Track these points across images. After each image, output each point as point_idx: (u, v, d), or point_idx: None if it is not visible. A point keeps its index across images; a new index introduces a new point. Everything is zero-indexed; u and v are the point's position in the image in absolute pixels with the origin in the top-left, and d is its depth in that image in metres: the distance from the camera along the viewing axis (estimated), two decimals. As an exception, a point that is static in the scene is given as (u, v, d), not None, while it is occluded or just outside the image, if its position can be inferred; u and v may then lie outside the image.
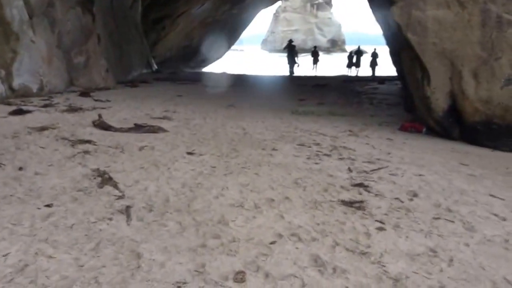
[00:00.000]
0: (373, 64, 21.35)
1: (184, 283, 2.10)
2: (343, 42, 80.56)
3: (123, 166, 4.25)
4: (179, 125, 6.92)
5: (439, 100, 7.31)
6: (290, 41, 22.42)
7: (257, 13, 33.03)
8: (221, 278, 2.18)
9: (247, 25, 33.59)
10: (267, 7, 36.56)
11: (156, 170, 4.25)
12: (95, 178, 3.76)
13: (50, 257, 2.28)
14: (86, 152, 4.70)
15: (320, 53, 23.93)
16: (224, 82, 14.96)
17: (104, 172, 3.93)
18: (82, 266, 2.20)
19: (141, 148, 5.12)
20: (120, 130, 6.12)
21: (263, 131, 6.89)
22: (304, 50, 72.59)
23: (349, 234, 2.98)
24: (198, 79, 15.74)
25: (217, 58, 32.08)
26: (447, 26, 6.93)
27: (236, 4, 28.23)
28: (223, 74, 19.87)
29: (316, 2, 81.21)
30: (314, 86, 13.47)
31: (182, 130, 6.52)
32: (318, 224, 3.11)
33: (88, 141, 5.23)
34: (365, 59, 21.88)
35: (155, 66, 21.34)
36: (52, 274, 2.10)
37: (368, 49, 22.10)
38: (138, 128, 6.21)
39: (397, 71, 11.50)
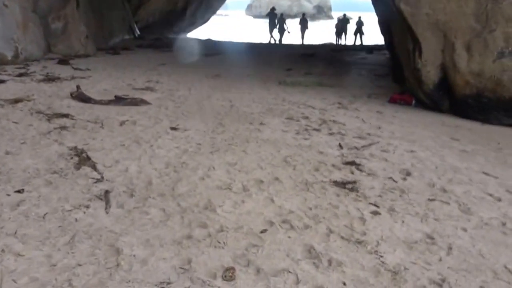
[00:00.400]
0: (358, 32, 20.99)
1: (169, 283, 1.91)
2: (330, 9, 79.15)
3: (102, 144, 3.99)
4: (163, 97, 6.61)
5: (430, 73, 7.12)
6: (273, 8, 21.91)
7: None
8: (209, 276, 2.00)
9: (233, -11, 32.45)
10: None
11: (138, 147, 4.00)
12: (72, 158, 3.50)
13: (19, 255, 2.05)
14: (63, 127, 4.40)
15: (308, 21, 23.28)
16: (209, 49, 14.46)
17: (82, 151, 3.67)
18: (54, 265, 1.99)
19: (122, 123, 4.84)
20: (100, 102, 5.79)
21: (250, 103, 6.64)
22: (290, 17, 71.37)
23: (343, 219, 2.84)
24: (183, 46, 15.17)
25: (202, 23, 31.11)
26: (442, -4, 6.65)
27: (222, -34, 27.12)
28: (208, 41, 19.24)
29: (303, -34, 78.99)
30: (301, 55, 13.11)
31: (165, 103, 6.22)
32: (310, 209, 2.95)
33: (66, 115, 4.91)
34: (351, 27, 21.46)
35: (137, 32, 20.51)
36: (20, 276, 1.88)
37: (354, 17, 21.47)
38: (119, 100, 5.89)
39: (386, 41, 11.24)
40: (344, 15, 21.25)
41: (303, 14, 23.74)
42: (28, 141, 3.89)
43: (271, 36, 20.71)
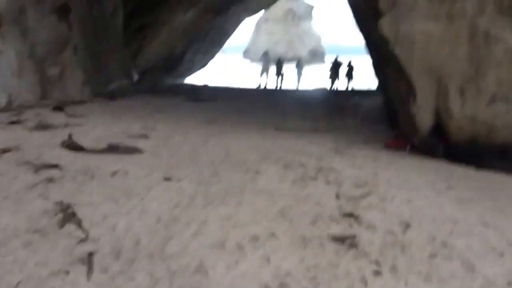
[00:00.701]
0: (349, 75, 21.34)
1: None
2: (323, 53, 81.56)
3: (90, 197, 3.85)
4: (157, 144, 6.53)
5: (425, 118, 7.12)
6: (266, 52, 22.36)
7: (240, 22, 32.85)
8: None
9: (231, 34, 33.33)
10: (250, 16, 36.48)
11: (128, 201, 3.86)
12: (56, 215, 3.35)
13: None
14: (50, 180, 4.27)
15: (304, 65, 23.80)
16: (206, 95, 14.61)
17: (68, 206, 3.52)
18: None
19: (113, 174, 4.72)
20: (92, 151, 5.70)
21: (246, 150, 6.56)
22: (286, 60, 73.13)
23: (344, 281, 2.67)
24: (180, 91, 15.37)
25: (201, 68, 31.73)
26: (435, 41, 6.76)
27: (220, 14, 27.97)
28: (205, 86, 19.52)
29: (297, 13, 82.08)
30: (298, 100, 13.25)
31: (160, 151, 6.13)
32: (308, 270, 2.78)
33: (55, 166, 4.79)
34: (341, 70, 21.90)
35: (136, 77, 20.83)
36: None
37: (345, 60, 21.91)
38: (112, 148, 5.80)
39: (380, 84, 11.40)
40: (336, 58, 21.62)
41: (299, 59, 24.25)
42: (11, 196, 3.74)
43: (263, 80, 20.86)
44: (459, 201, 4.63)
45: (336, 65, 21.22)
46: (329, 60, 26.61)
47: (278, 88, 20.37)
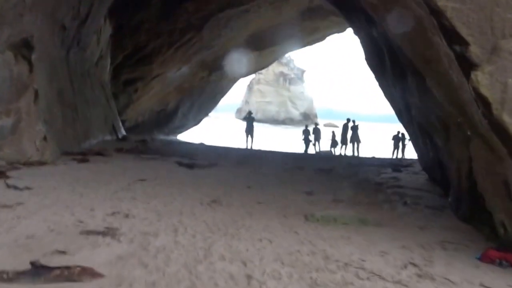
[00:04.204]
0: (355, 137, 19.55)
1: None
2: (315, 116, 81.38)
3: None
4: (128, 255, 3.83)
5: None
6: (249, 112, 21.95)
7: (235, 81, 31.47)
8: None
9: (225, 92, 31.93)
10: (245, 76, 35.25)
11: None
12: None
13: None
14: None
15: (311, 129, 21.96)
16: (202, 156, 12.10)
17: None
18: None
19: None
20: (1, 277, 2.99)
21: (277, 268, 3.92)
22: (277, 122, 72.63)
23: None
24: (172, 151, 12.83)
25: (194, 125, 29.71)
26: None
27: (215, 71, 26.46)
28: (201, 145, 17.10)
29: (288, 77, 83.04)
30: (317, 170, 10.73)
31: (130, 272, 3.44)
32: None
33: None
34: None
35: (122, 133, 18.38)
36: None
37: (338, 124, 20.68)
38: (37, 272, 3.09)
39: (430, 158, 9.03)
40: (348, 119, 19.79)
41: (316, 124, 23.14)
42: None
43: (247, 141, 19.94)
44: None
45: (345, 128, 19.30)
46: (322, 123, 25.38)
47: (249, 147, 19.22)
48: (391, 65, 8.14)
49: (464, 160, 6.27)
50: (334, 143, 20.80)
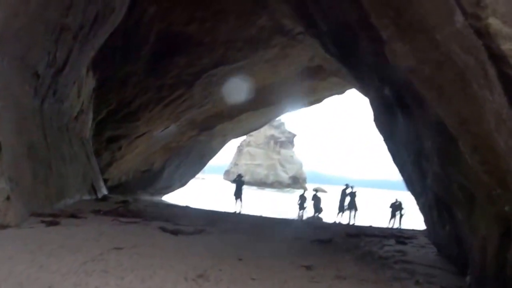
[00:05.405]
0: (353, 204, 18.75)
1: None
2: (304, 180, 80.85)
3: None
4: None
5: None
6: (239, 175, 21.52)
7: (226, 142, 30.91)
8: None
9: (215, 153, 31.17)
10: (236, 137, 34.86)
11: None
12: None
13: None
14: None
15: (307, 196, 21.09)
16: (188, 221, 11.03)
17: None
18: None
19: None
20: None
21: None
22: (265, 185, 71.73)
23: None
24: (154, 215, 11.72)
25: (180, 186, 28.57)
26: None
27: (204, 131, 25.88)
28: (187, 208, 15.98)
29: (279, 140, 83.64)
30: (314, 242, 9.72)
31: None
32: None
33: None
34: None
35: (103, 192, 17.22)
36: None
37: (330, 190, 20.02)
38: None
39: (446, 232, 8.06)
40: (347, 185, 19.09)
41: (316, 190, 22.34)
42: None
43: (236, 204, 19.30)
44: None
45: (345, 195, 18.49)
46: (311, 188, 24.63)
47: (238, 211, 18.35)
48: (406, 129, 7.43)
49: (493, 237, 5.42)
50: (317, 209, 20.07)
